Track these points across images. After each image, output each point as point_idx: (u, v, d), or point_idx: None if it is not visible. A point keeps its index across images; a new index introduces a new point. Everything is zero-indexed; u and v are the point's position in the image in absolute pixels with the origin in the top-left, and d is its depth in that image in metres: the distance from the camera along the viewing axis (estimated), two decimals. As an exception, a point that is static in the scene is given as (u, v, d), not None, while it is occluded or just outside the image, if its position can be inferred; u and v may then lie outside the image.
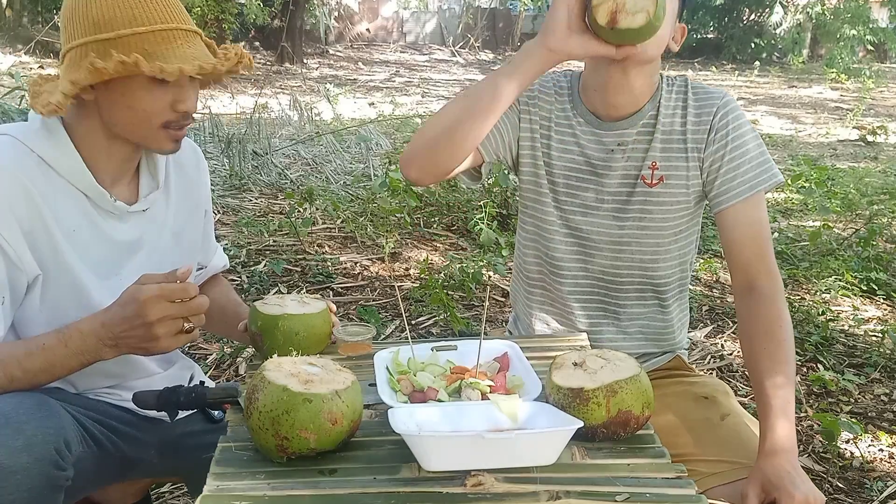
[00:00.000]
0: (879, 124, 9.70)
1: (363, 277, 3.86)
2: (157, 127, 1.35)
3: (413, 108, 10.65)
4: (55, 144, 1.36)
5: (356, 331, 1.61)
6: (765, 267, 1.61)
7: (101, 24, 1.28)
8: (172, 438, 1.59)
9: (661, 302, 1.75)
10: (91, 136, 1.38)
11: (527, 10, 23.04)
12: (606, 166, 1.70)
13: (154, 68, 1.25)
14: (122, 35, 1.27)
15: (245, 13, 14.52)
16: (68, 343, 1.26)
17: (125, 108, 1.33)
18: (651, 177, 1.68)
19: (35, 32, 13.13)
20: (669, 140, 1.68)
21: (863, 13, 19.75)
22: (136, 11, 1.28)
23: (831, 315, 3.44)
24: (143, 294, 1.22)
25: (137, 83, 1.30)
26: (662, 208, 1.69)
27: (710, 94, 1.70)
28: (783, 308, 1.59)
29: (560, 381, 1.22)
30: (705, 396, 1.68)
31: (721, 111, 1.66)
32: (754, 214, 1.62)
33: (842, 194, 5.64)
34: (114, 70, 1.24)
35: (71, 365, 1.28)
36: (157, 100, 1.32)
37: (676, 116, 1.69)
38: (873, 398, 2.72)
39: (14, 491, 1.15)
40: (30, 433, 1.17)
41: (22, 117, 6.66)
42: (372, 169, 5.89)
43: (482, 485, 1.07)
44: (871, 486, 2.14)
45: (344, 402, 1.13)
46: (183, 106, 1.35)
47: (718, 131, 1.65)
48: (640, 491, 1.07)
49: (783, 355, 1.52)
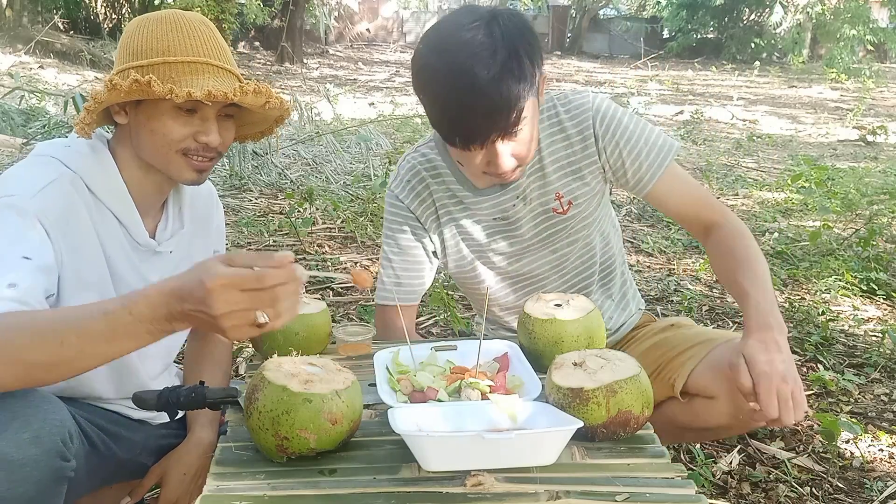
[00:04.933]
0: (879, 124, 9.69)
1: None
2: (175, 152, 1.38)
3: (413, 108, 10.65)
4: (100, 168, 1.41)
5: (356, 331, 1.61)
6: (711, 208, 1.73)
7: (138, 53, 1.35)
8: (160, 440, 1.60)
9: (612, 278, 1.91)
10: (129, 162, 1.43)
11: (527, 9, 23.04)
12: (516, 219, 1.76)
13: (164, 90, 1.27)
14: (154, 63, 1.33)
15: (245, 13, 14.51)
16: (133, 310, 1.08)
17: (149, 131, 1.37)
18: (561, 206, 1.75)
19: (35, 32, 13.11)
20: (561, 167, 1.73)
21: (863, 13, 19.76)
22: (172, 44, 1.34)
23: (831, 315, 3.43)
24: (211, 281, 1.03)
25: (164, 109, 1.34)
26: (583, 223, 1.79)
27: (580, 106, 1.72)
28: (745, 231, 1.68)
29: (560, 381, 1.23)
30: (671, 324, 1.87)
31: (597, 118, 1.71)
32: (675, 181, 1.73)
33: (842, 194, 5.63)
34: (128, 88, 1.28)
35: (138, 333, 1.09)
36: (179, 127, 1.36)
37: (557, 143, 1.72)
38: (873, 398, 2.72)
39: (22, 484, 1.15)
40: (37, 426, 1.17)
41: (22, 117, 6.67)
42: (372, 169, 5.89)
43: (482, 485, 1.07)
44: (871, 486, 2.14)
45: (344, 402, 1.13)
46: (204, 137, 1.37)
47: (604, 137, 1.71)
48: (640, 491, 1.07)
49: (758, 268, 1.58)
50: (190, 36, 1.35)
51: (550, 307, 1.50)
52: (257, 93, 1.36)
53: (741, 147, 8.65)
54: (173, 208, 1.55)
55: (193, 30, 1.36)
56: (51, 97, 7.59)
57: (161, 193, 1.50)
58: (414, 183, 1.76)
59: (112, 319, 1.09)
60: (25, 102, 7.22)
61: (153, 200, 1.50)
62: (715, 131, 9.88)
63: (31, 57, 12.30)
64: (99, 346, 1.10)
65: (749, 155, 8.22)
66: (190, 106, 1.34)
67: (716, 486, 2.13)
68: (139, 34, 1.36)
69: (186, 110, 1.35)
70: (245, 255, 1.08)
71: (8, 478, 1.13)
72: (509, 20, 1.49)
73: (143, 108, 1.36)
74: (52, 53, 13.02)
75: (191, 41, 1.35)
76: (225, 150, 1.45)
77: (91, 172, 1.40)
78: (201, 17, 1.42)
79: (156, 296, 1.08)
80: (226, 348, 1.77)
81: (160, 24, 1.36)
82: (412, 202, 1.77)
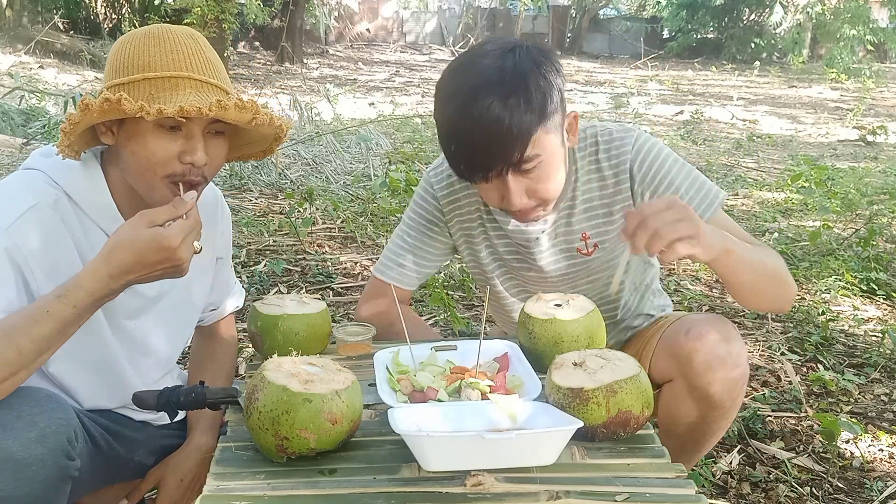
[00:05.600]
0: (879, 124, 9.69)
1: (363, 277, 3.85)
2: (160, 177, 1.31)
3: (413, 108, 10.65)
4: (88, 183, 1.37)
5: (356, 331, 1.61)
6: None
7: (119, 70, 1.29)
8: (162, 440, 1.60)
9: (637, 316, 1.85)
10: (119, 179, 1.38)
11: (527, 10, 23.04)
12: (537, 251, 1.71)
13: (135, 108, 1.21)
14: (134, 80, 1.27)
15: (245, 13, 14.51)
16: (76, 303, 1.22)
17: (131, 153, 1.31)
18: (586, 247, 1.69)
19: (35, 32, 13.12)
20: (592, 207, 1.67)
21: (863, 13, 19.75)
22: (152, 59, 1.28)
23: (831, 315, 3.43)
24: (173, 240, 1.22)
25: (145, 128, 1.27)
26: (607, 265, 1.72)
27: (620, 146, 1.63)
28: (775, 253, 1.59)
29: (560, 381, 1.22)
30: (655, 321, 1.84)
31: (636, 159, 1.62)
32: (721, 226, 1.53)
33: (842, 194, 5.63)
34: (99, 107, 1.22)
35: (84, 319, 1.25)
36: (162, 147, 1.28)
37: (592, 181, 1.66)
38: (873, 398, 2.72)
39: (29, 483, 1.16)
40: (43, 425, 1.18)
41: (22, 117, 6.67)
42: (372, 169, 5.89)
43: (482, 485, 1.07)
44: (871, 486, 2.14)
45: (344, 402, 1.13)
46: (188, 157, 1.29)
47: (643, 181, 1.62)
48: (640, 491, 1.07)
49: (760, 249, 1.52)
50: (173, 50, 1.28)
51: (550, 307, 1.50)
52: (241, 108, 1.27)
53: (741, 147, 8.65)
54: None
55: (177, 43, 1.29)
56: (51, 97, 7.60)
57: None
58: (453, 180, 1.73)
59: (57, 317, 1.20)
60: (25, 102, 7.23)
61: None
62: (715, 131, 9.88)
63: (31, 57, 12.31)
64: (53, 342, 1.22)
65: (749, 155, 8.22)
66: (172, 123, 1.27)
67: (716, 486, 2.13)
68: (122, 50, 1.31)
69: (170, 128, 1.28)
70: (161, 210, 1.25)
71: (14, 477, 1.13)
72: (528, 52, 1.46)
73: (125, 128, 1.30)
74: (52, 53, 13.03)
75: (173, 55, 1.28)
76: (212, 174, 1.36)
77: (78, 188, 1.36)
78: (189, 31, 1.35)
79: (91, 281, 1.22)
80: (229, 349, 1.77)
81: (143, 39, 1.30)
82: (444, 197, 1.76)
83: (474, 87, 1.42)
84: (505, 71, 1.42)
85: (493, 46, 1.49)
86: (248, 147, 1.47)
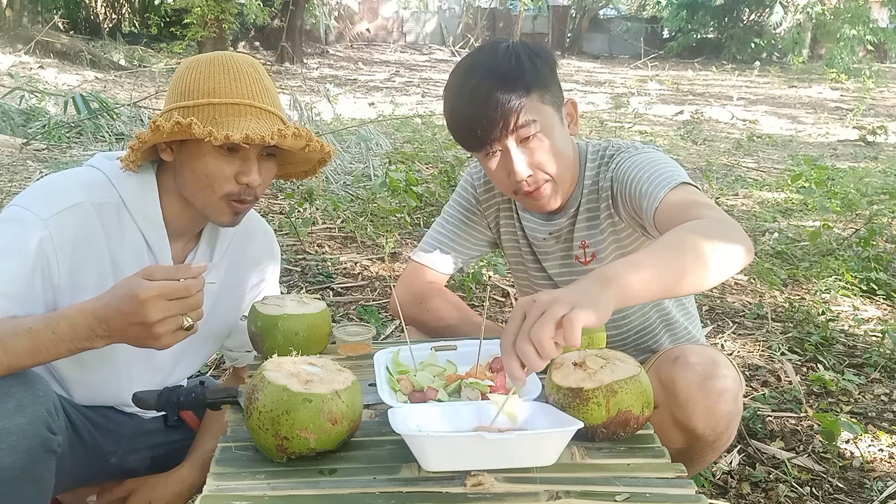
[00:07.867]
0: (879, 124, 9.70)
1: (363, 277, 3.86)
2: (219, 196, 1.40)
3: (413, 108, 10.65)
4: (141, 191, 1.44)
5: (356, 331, 1.61)
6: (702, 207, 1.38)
7: (185, 94, 1.38)
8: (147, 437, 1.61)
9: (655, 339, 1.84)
10: (170, 192, 1.46)
11: (527, 10, 23.02)
12: (546, 252, 1.79)
13: (204, 132, 1.30)
14: (199, 104, 1.36)
15: (245, 13, 14.52)
16: (56, 330, 1.21)
17: (191, 171, 1.39)
18: (584, 255, 1.73)
19: (35, 32, 13.12)
20: (592, 217, 1.71)
21: (863, 13, 19.76)
22: (218, 86, 1.37)
23: (831, 315, 3.43)
24: (144, 293, 1.17)
25: (206, 148, 1.36)
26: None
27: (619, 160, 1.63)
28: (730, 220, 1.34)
29: (560, 381, 1.22)
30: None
31: (610, 166, 1.65)
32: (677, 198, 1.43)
33: (842, 194, 5.64)
34: (170, 129, 1.31)
35: (59, 351, 1.23)
36: (221, 168, 1.38)
37: (594, 193, 1.71)
38: (873, 398, 2.72)
39: (11, 453, 1.16)
40: (20, 395, 1.20)
41: (22, 117, 6.65)
42: (372, 169, 5.89)
43: (482, 485, 1.07)
44: (871, 486, 2.14)
45: (344, 402, 1.13)
46: (244, 178, 1.39)
47: (614, 182, 1.63)
48: (640, 491, 1.07)
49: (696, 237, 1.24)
50: (236, 78, 1.38)
51: None
52: (297, 136, 1.38)
53: (741, 147, 8.65)
54: (209, 239, 1.56)
55: (240, 72, 1.39)
56: (51, 97, 7.60)
57: (195, 225, 1.52)
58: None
59: (35, 337, 1.21)
60: (25, 102, 7.23)
61: (188, 229, 1.52)
62: (715, 131, 9.89)
63: (31, 57, 12.31)
64: (24, 360, 1.21)
65: (749, 155, 8.22)
66: (231, 146, 1.36)
67: (716, 486, 2.13)
68: (188, 75, 1.39)
69: (228, 149, 1.37)
70: (162, 268, 1.23)
71: None
72: (528, 46, 1.61)
73: (186, 148, 1.39)
74: (52, 53, 13.03)
75: (236, 83, 1.38)
76: (262, 193, 1.46)
77: (132, 193, 1.43)
78: (250, 60, 1.44)
79: (77, 316, 1.22)
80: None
81: (208, 66, 1.39)
82: (481, 187, 1.85)
83: (469, 69, 1.59)
84: (497, 51, 1.58)
85: (491, 43, 1.65)
86: (293, 167, 1.56)
